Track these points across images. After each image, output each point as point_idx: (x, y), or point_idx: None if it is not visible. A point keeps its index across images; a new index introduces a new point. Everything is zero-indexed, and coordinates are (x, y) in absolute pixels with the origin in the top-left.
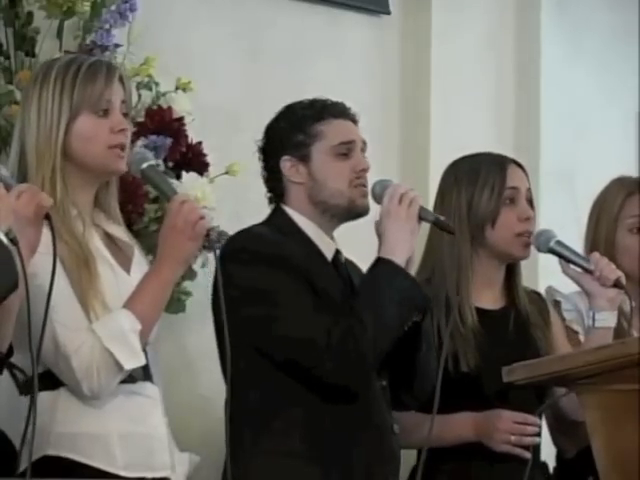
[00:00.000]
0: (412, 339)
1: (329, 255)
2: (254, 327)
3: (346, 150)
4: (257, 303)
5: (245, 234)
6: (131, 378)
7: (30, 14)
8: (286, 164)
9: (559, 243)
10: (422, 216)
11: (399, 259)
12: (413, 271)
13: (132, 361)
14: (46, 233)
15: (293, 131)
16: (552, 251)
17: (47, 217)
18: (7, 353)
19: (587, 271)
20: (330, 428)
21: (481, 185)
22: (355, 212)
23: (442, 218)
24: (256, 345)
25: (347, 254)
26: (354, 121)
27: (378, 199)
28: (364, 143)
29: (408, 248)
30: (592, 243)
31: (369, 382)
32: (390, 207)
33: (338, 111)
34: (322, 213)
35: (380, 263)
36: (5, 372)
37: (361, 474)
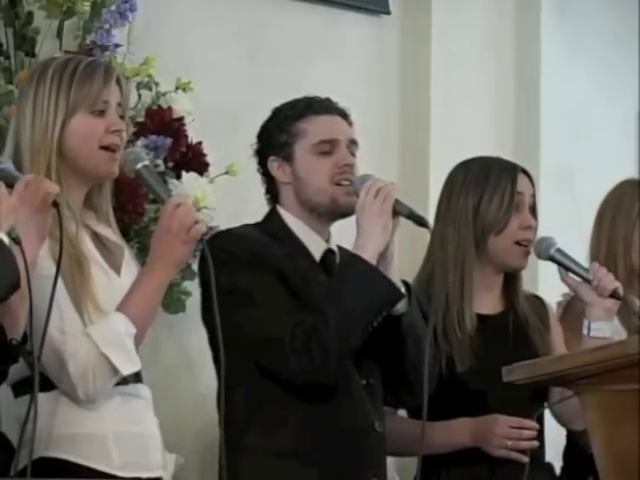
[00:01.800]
0: (394, 334)
1: (317, 255)
2: (230, 327)
3: (328, 148)
4: (232, 304)
5: (225, 235)
6: (123, 380)
7: (30, 14)
8: (273, 165)
9: (559, 251)
10: (397, 210)
11: (368, 254)
12: (390, 266)
13: (129, 366)
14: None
15: (277, 131)
16: (552, 259)
17: (55, 204)
18: (21, 340)
19: (586, 280)
20: (308, 427)
21: (490, 191)
22: (339, 211)
23: (416, 212)
24: (232, 345)
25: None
26: (342, 115)
27: (358, 193)
28: (352, 141)
29: (380, 243)
30: (608, 243)
31: (348, 379)
32: (364, 202)
33: (322, 107)
34: (309, 212)
35: (349, 259)
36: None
37: (341, 473)
